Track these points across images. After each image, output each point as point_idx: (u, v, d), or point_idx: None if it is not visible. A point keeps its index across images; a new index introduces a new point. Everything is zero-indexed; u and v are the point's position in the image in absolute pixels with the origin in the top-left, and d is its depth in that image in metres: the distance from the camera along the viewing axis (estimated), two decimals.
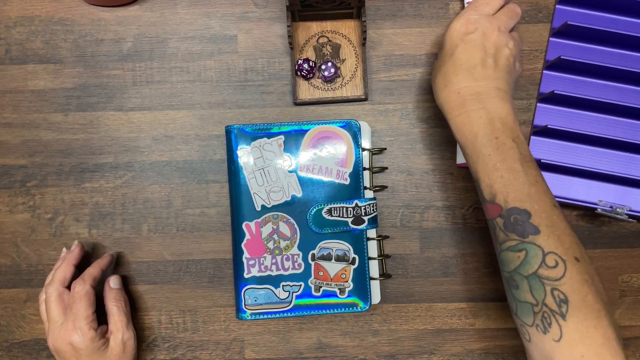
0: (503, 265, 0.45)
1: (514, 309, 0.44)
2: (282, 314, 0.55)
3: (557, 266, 0.41)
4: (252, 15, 0.59)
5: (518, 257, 0.43)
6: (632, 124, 0.57)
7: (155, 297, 0.59)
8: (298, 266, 0.55)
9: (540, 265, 0.42)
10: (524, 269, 0.42)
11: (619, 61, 0.57)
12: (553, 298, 0.41)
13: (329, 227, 0.55)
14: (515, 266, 0.43)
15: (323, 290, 0.55)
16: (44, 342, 0.59)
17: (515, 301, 0.44)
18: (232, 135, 0.56)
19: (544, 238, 0.42)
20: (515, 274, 0.43)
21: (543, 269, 0.42)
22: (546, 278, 0.41)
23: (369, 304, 0.56)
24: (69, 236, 0.59)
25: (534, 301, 0.42)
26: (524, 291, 0.43)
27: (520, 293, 0.43)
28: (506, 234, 0.44)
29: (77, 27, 0.59)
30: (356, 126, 0.56)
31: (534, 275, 0.42)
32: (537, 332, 0.42)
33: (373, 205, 0.56)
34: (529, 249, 0.42)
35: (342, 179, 0.56)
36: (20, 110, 0.59)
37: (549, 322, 0.41)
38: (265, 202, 0.55)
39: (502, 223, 0.44)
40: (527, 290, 0.42)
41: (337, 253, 0.55)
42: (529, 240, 0.42)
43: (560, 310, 0.41)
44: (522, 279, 0.43)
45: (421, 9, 0.59)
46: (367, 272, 0.56)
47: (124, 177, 0.59)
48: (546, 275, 0.41)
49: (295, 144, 0.56)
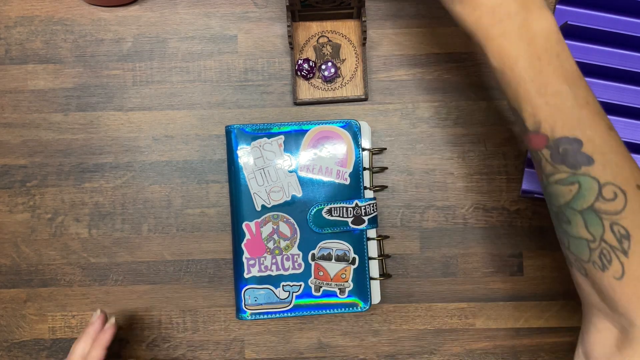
0: (551, 199, 0.40)
1: (566, 243, 0.40)
2: (282, 314, 0.55)
3: (617, 198, 0.37)
4: (252, 15, 0.59)
5: (569, 191, 0.38)
6: (632, 124, 0.57)
7: (155, 297, 0.59)
8: (298, 266, 0.55)
9: (596, 199, 0.37)
10: (576, 204, 0.38)
11: (619, 61, 0.57)
12: (613, 234, 0.37)
13: (329, 227, 0.55)
14: (567, 200, 0.39)
15: (323, 290, 0.55)
16: (43, 342, 0.59)
17: (567, 236, 0.40)
18: (232, 135, 0.56)
19: (599, 168, 0.37)
20: (567, 209, 0.39)
21: (600, 203, 0.37)
22: (604, 212, 0.37)
23: (369, 304, 0.56)
24: (69, 236, 0.59)
25: (591, 237, 0.38)
26: (578, 227, 0.39)
27: (573, 228, 0.39)
28: (554, 166, 0.39)
29: (77, 27, 0.59)
30: (356, 126, 0.56)
31: (589, 209, 0.38)
32: (594, 268, 0.39)
33: (373, 205, 0.56)
34: (583, 181, 0.38)
35: (342, 178, 0.56)
36: (20, 110, 0.59)
37: (609, 259, 0.38)
38: (265, 202, 0.55)
39: (548, 154, 0.39)
40: (581, 225, 0.38)
41: (337, 253, 0.55)
42: (582, 172, 0.38)
43: (622, 247, 0.37)
44: (574, 214, 0.38)
45: (421, 9, 0.59)
46: (367, 272, 0.56)
47: (124, 177, 0.59)
48: (604, 209, 0.37)
49: (295, 144, 0.56)
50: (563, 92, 0.38)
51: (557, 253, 0.59)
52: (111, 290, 0.59)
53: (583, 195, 0.38)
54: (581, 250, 0.39)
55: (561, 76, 0.39)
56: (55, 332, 0.59)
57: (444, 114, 0.59)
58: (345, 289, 0.55)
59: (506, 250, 0.59)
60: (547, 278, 0.59)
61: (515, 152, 0.59)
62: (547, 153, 0.39)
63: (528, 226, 0.59)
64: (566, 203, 0.39)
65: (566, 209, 0.39)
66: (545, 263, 0.59)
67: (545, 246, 0.59)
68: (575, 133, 0.38)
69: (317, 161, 0.56)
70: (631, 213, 0.37)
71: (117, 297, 0.59)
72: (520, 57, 0.39)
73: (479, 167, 0.59)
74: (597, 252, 0.38)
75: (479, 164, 0.59)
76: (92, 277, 0.59)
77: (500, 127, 0.59)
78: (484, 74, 0.59)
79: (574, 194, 0.38)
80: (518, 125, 0.42)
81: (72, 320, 0.59)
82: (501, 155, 0.59)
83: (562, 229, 0.40)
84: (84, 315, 0.59)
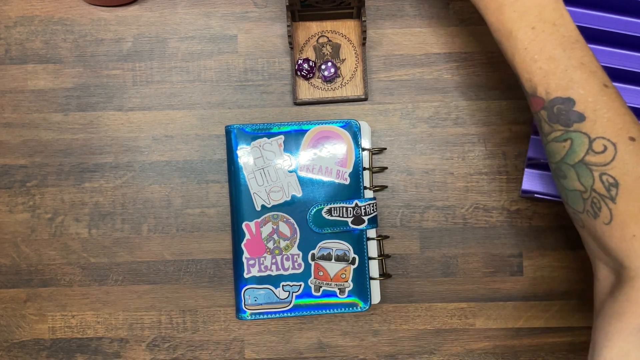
0: (550, 156, 0.43)
1: (565, 198, 0.43)
2: (282, 313, 0.55)
3: (606, 150, 0.40)
4: (252, 15, 0.59)
5: (563, 147, 0.42)
6: None
7: (155, 297, 0.59)
8: (298, 266, 0.55)
9: (586, 153, 0.40)
10: (569, 158, 0.41)
11: (619, 61, 0.57)
12: (602, 183, 0.40)
13: (328, 227, 0.55)
14: (561, 156, 0.42)
15: (323, 290, 0.55)
16: (43, 342, 0.59)
17: (564, 191, 0.43)
18: (232, 135, 0.56)
19: (589, 124, 0.40)
20: (562, 164, 0.42)
21: (590, 156, 0.40)
22: (594, 164, 0.40)
23: (369, 304, 0.56)
24: (69, 236, 0.59)
25: (582, 188, 0.41)
26: (572, 180, 0.42)
27: (569, 182, 0.42)
28: (550, 125, 0.42)
29: (77, 27, 0.59)
30: (356, 126, 0.56)
31: (580, 163, 0.41)
32: (588, 217, 0.42)
33: (373, 205, 0.56)
34: (574, 137, 0.41)
35: (342, 178, 0.56)
36: (20, 110, 0.59)
37: (599, 206, 0.40)
38: (265, 202, 0.55)
39: (545, 115, 0.42)
40: (574, 178, 0.41)
41: (337, 253, 0.55)
42: (574, 129, 0.41)
43: (610, 194, 0.40)
44: (568, 168, 0.41)
45: (421, 9, 0.59)
46: (367, 272, 0.56)
47: (124, 177, 0.59)
48: (593, 161, 0.40)
49: (295, 143, 0.56)
50: (556, 57, 0.41)
51: (557, 253, 0.59)
52: (111, 290, 0.59)
53: (574, 150, 0.41)
54: (576, 202, 0.42)
55: (555, 41, 0.42)
56: (55, 332, 0.59)
57: (444, 114, 0.59)
58: (345, 289, 0.55)
59: (506, 250, 0.59)
60: (547, 278, 0.59)
61: (515, 152, 0.59)
62: (545, 114, 0.42)
63: (528, 226, 0.59)
64: (561, 159, 0.42)
65: (562, 164, 0.42)
66: (545, 263, 0.59)
67: (545, 246, 0.59)
68: (568, 93, 0.41)
69: (317, 161, 0.56)
70: (620, 162, 0.40)
71: (117, 297, 0.59)
72: (514, 28, 0.43)
73: (479, 167, 0.59)
74: (589, 202, 0.41)
75: (479, 164, 0.59)
76: (92, 277, 0.59)
77: (500, 127, 0.59)
78: (484, 74, 0.59)
79: (567, 150, 0.41)
80: (523, 91, 0.45)
81: (72, 320, 0.59)
82: (501, 155, 0.59)
83: (560, 185, 0.43)
84: (84, 315, 0.59)
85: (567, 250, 0.59)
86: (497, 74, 0.59)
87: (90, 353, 0.59)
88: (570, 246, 0.59)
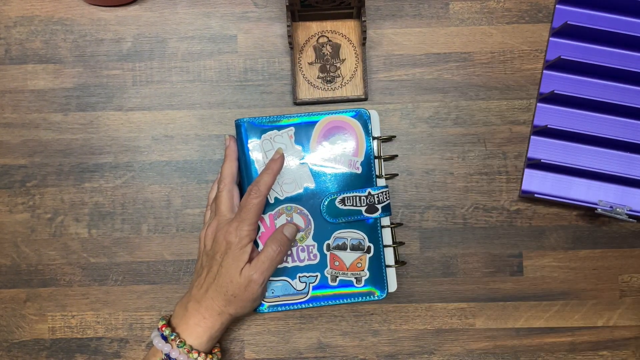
0: None
1: None
2: (299, 305, 0.55)
3: None
4: (252, 15, 0.59)
5: None
6: (632, 124, 0.57)
7: (155, 297, 0.59)
8: (313, 257, 0.55)
9: None
10: None
11: (619, 61, 0.57)
12: None
13: (343, 217, 0.55)
14: None
15: (339, 280, 0.55)
16: (43, 342, 0.59)
17: None
18: (242, 129, 0.55)
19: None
20: None
21: None
22: None
23: (385, 292, 0.55)
24: (69, 236, 0.59)
25: None
26: None
27: None
28: None
29: (77, 27, 0.59)
30: (366, 114, 0.56)
31: None
32: None
33: (386, 192, 0.55)
34: None
35: (355, 168, 0.55)
36: (20, 110, 0.59)
37: None
38: (278, 195, 0.55)
39: None
40: None
41: (352, 242, 0.55)
42: None
43: None
44: None
45: (421, 9, 0.59)
46: (382, 260, 0.55)
47: (123, 177, 0.59)
48: None
49: (306, 135, 0.55)
50: None
51: (557, 253, 0.59)
52: (111, 290, 0.59)
53: None
54: None
55: None
56: (55, 332, 0.59)
57: (444, 114, 0.59)
58: (361, 278, 0.55)
59: (506, 250, 0.59)
60: (547, 278, 0.59)
61: (515, 152, 0.59)
62: None
63: (528, 226, 0.59)
64: None
65: None
66: (545, 263, 0.59)
67: (545, 246, 0.59)
68: None
69: (329, 151, 0.55)
70: None
71: (117, 297, 0.59)
72: None
73: (479, 167, 0.59)
74: None
75: (479, 164, 0.59)
76: (92, 277, 0.59)
77: (500, 127, 0.59)
78: (484, 74, 0.59)
79: None
80: None
81: (72, 320, 0.59)
82: (501, 155, 0.59)
83: None
84: (83, 315, 0.59)
85: (567, 250, 0.59)
86: (497, 74, 0.59)
87: (90, 353, 0.59)
88: (570, 246, 0.59)
